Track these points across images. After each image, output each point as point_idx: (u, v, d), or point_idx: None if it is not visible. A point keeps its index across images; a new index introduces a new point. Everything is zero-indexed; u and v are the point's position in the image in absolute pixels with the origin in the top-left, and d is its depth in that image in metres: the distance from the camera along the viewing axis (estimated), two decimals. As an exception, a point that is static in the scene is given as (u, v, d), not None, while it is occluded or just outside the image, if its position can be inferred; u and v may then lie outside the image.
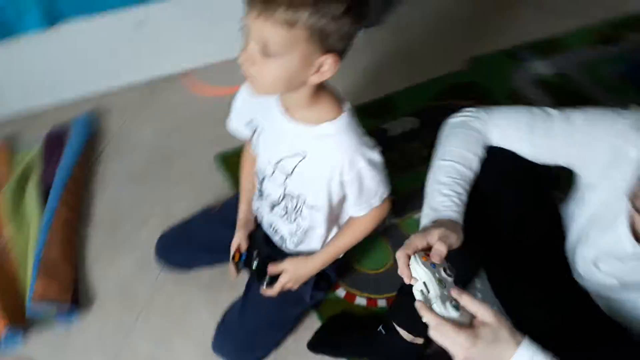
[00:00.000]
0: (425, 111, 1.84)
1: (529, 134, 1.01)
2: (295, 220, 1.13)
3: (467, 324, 0.79)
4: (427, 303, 0.81)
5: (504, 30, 2.23)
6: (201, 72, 1.83)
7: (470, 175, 0.99)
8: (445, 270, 0.84)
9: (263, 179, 1.11)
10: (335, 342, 1.24)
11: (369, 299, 1.35)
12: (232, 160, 1.60)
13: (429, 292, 0.82)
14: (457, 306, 0.80)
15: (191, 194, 1.50)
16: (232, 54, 1.66)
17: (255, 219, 1.26)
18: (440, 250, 0.85)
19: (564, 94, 1.97)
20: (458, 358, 0.78)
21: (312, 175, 1.02)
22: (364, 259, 1.41)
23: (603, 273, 0.98)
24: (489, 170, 1.01)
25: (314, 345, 1.25)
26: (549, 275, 1.06)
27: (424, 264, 0.84)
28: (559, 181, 1.14)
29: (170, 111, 1.72)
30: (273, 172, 1.06)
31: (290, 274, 1.15)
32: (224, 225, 1.25)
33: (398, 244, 0.88)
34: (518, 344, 0.76)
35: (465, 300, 0.79)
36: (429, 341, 1.18)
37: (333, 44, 0.84)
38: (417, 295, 0.84)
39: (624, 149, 0.91)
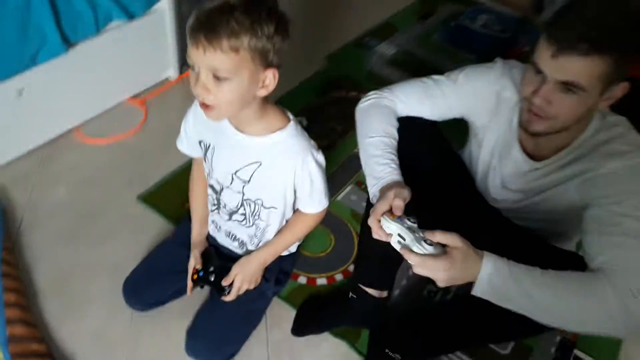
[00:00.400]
0: (310, 109, 2.05)
1: (426, 99, 1.27)
2: (253, 223, 1.25)
3: (442, 253, 0.99)
4: (407, 248, 1.01)
5: (347, 25, 2.54)
6: (89, 125, 1.83)
7: (394, 143, 1.21)
8: (409, 220, 1.04)
9: (221, 189, 1.21)
10: (316, 320, 1.39)
11: (327, 278, 1.52)
12: (154, 197, 1.66)
13: (404, 240, 1.01)
14: (431, 243, 1.00)
15: (128, 237, 1.53)
16: (112, 103, 1.72)
17: (207, 237, 1.36)
18: (398, 204, 1.04)
19: (411, 67, 2.32)
20: (441, 282, 0.98)
21: (269, 180, 1.16)
22: (311, 246, 1.57)
23: (511, 190, 1.27)
24: (404, 135, 1.23)
25: (298, 330, 1.38)
26: (468, 205, 1.34)
27: (393, 220, 1.03)
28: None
29: (73, 167, 1.70)
30: (232, 181, 1.18)
31: (242, 276, 1.26)
32: (184, 247, 1.34)
33: (333, 225, 1.06)
34: (481, 257, 0.98)
35: (439, 236, 0.99)
36: (389, 294, 1.40)
37: (272, 60, 1.00)
38: (396, 246, 1.03)
39: (501, 93, 1.21)
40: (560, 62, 0.99)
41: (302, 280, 1.50)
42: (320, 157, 1.16)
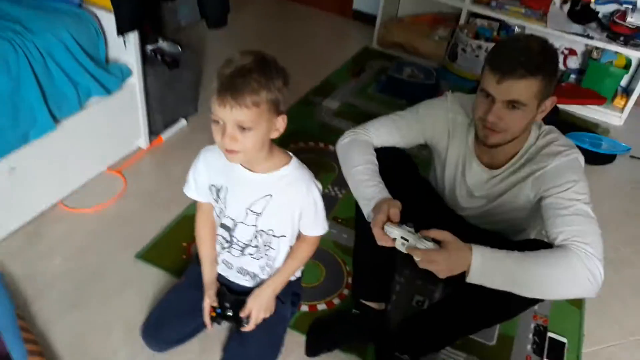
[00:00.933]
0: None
1: (395, 131, 1.51)
2: (265, 254, 1.40)
3: (440, 248, 1.20)
4: (412, 247, 1.20)
5: (292, 87, 2.79)
6: (73, 197, 1.91)
7: (376, 168, 1.42)
8: (407, 224, 1.25)
9: (235, 226, 1.36)
10: (326, 339, 1.52)
11: (326, 303, 1.66)
12: (152, 253, 1.75)
13: (407, 241, 1.21)
14: (430, 240, 1.20)
15: (133, 293, 1.60)
16: (93, 174, 1.84)
17: (217, 277, 1.48)
18: (395, 212, 1.25)
19: (354, 115, 2.60)
20: (442, 272, 1.18)
21: (279, 209, 1.33)
22: (306, 278, 1.70)
23: (477, 197, 1.52)
24: (382, 162, 1.45)
25: (311, 351, 1.51)
26: (441, 215, 1.57)
27: (394, 226, 1.23)
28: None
29: (65, 238, 1.76)
30: (246, 215, 1.33)
31: (258, 306, 1.39)
32: (196, 289, 1.44)
33: (321, 257, 1.28)
34: (470, 248, 1.19)
35: (434, 233, 1.20)
36: (386, 306, 1.58)
37: (282, 107, 1.20)
38: (401, 248, 1.22)
39: (455, 118, 1.48)
40: (504, 86, 1.26)
41: (305, 308, 1.64)
42: (320, 185, 1.35)
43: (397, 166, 1.50)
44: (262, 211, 1.33)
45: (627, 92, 2.85)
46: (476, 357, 1.56)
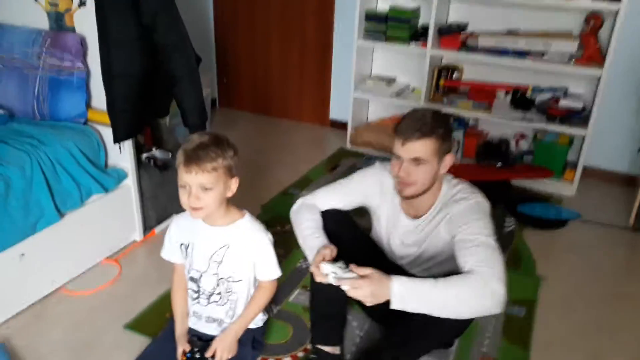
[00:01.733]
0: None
1: (336, 196, 1.83)
2: (228, 300, 1.65)
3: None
4: (341, 279, 1.46)
5: (274, 182, 3.17)
6: (73, 282, 2.20)
7: (320, 224, 1.72)
8: (338, 262, 1.51)
9: (200, 276, 1.63)
10: (288, 384, 1.71)
11: (291, 356, 1.86)
12: (139, 324, 1.99)
13: (336, 273, 1.47)
14: (352, 273, 1.46)
15: (123, 357, 1.82)
16: (91, 263, 2.14)
17: (188, 330, 1.71)
18: (326, 252, 1.53)
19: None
20: (368, 298, 1.42)
21: (236, 257, 1.61)
22: (274, 337, 1.93)
23: (409, 245, 1.79)
24: (327, 221, 1.75)
25: (275, 395, 1.69)
26: (381, 265, 1.81)
27: (327, 263, 1.50)
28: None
29: (65, 315, 2.02)
30: (209, 266, 1.61)
31: (221, 346, 1.62)
32: (171, 342, 1.68)
33: (289, 319, 1.61)
34: (390, 278, 1.45)
35: (357, 269, 1.46)
36: (342, 351, 1.78)
37: (234, 172, 1.54)
38: (332, 281, 1.48)
39: (383, 181, 1.79)
40: (407, 147, 1.60)
41: (271, 361, 1.84)
42: (270, 236, 1.64)
43: (340, 225, 1.79)
44: (222, 259, 1.61)
45: (576, 166, 3.16)
46: (426, 395, 1.72)
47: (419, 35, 3.40)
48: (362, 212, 1.92)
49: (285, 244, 2.43)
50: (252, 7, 4.03)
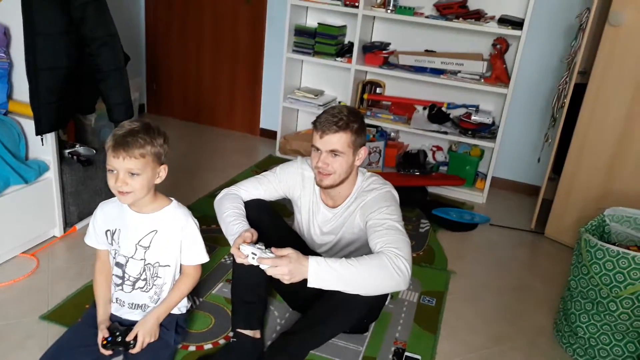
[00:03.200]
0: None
1: (259, 186, 1.91)
2: (153, 285, 1.68)
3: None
4: (260, 258, 1.53)
5: (203, 184, 3.20)
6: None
7: (242, 212, 1.79)
8: (258, 243, 1.59)
9: (127, 262, 1.64)
10: (208, 366, 1.74)
11: (212, 343, 1.90)
12: (56, 314, 1.96)
13: (255, 255, 1.55)
14: (271, 253, 1.54)
15: (35, 347, 1.77)
16: (6, 258, 2.12)
17: (110, 317, 1.71)
18: (247, 235, 1.62)
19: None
20: (286, 276, 1.50)
21: (163, 242, 1.65)
22: (196, 326, 1.97)
23: (327, 233, 1.90)
24: (249, 209, 1.83)
25: (194, 378, 1.72)
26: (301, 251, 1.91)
27: (247, 245, 1.57)
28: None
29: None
30: (135, 250, 1.63)
31: (143, 330, 1.64)
32: (91, 327, 1.67)
33: (211, 310, 1.75)
34: (307, 258, 1.54)
35: (277, 250, 1.54)
36: (262, 335, 1.84)
37: (163, 159, 1.59)
38: (252, 261, 1.55)
39: (304, 173, 1.90)
40: (324, 140, 1.72)
41: (192, 348, 1.86)
42: (196, 221, 1.69)
43: (262, 213, 1.87)
44: (150, 244, 1.64)
45: (486, 176, 3.43)
46: (341, 375, 1.81)
47: (344, 51, 3.59)
48: (289, 213, 2.01)
49: (211, 241, 2.48)
50: (185, 15, 4.09)
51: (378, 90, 3.72)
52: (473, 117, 3.37)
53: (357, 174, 1.85)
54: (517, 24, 3.11)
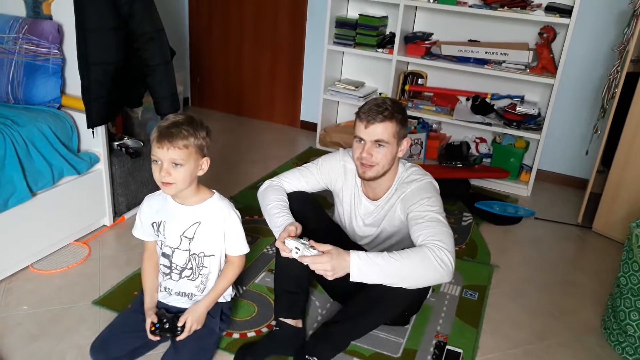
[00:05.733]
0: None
1: (302, 178, 1.93)
2: (200, 274, 1.72)
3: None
4: (303, 255, 1.55)
5: (244, 177, 3.25)
6: (42, 262, 2.23)
7: (286, 204, 1.81)
8: (302, 238, 1.61)
9: (173, 252, 1.69)
10: (251, 352, 1.77)
11: (255, 331, 1.94)
12: (106, 300, 2.04)
13: (299, 250, 1.57)
14: (314, 249, 1.56)
15: (88, 330, 1.86)
16: (60, 245, 2.19)
17: (157, 304, 1.77)
18: (292, 229, 1.62)
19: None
20: (329, 272, 1.52)
21: (207, 233, 1.69)
22: (240, 314, 2.01)
23: (369, 225, 1.90)
24: (293, 201, 1.85)
25: (238, 362, 1.76)
26: (342, 244, 1.92)
27: (292, 240, 1.59)
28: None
29: (33, 291, 2.05)
30: (180, 241, 1.68)
31: (192, 318, 1.69)
32: (139, 314, 1.73)
33: (254, 298, 1.79)
34: (349, 253, 1.55)
35: (317, 245, 1.55)
36: (304, 324, 1.87)
37: (205, 152, 1.62)
38: (295, 256, 1.57)
39: (346, 166, 1.91)
40: (369, 130, 1.72)
41: (236, 335, 1.91)
42: (238, 213, 1.73)
43: (305, 205, 1.89)
44: (194, 236, 1.68)
45: (531, 168, 3.35)
46: (382, 366, 1.82)
47: (386, 42, 3.56)
48: (330, 205, 2.02)
49: (254, 232, 2.52)
50: (227, 9, 4.14)
51: (420, 81, 3.67)
52: (518, 108, 3.28)
53: (397, 166, 1.84)
54: (566, 11, 3.01)
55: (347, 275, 1.52)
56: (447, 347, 1.92)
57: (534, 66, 3.23)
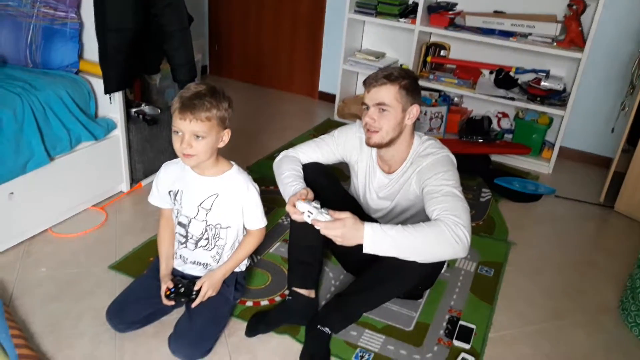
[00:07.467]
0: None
1: (317, 149, 1.90)
2: (215, 245, 1.73)
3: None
4: (315, 219, 1.54)
5: (260, 148, 3.24)
6: (60, 226, 2.26)
7: (300, 174, 1.79)
8: (314, 201, 1.59)
9: (189, 222, 1.69)
10: (263, 322, 1.79)
11: (269, 300, 1.95)
12: (123, 265, 2.06)
13: (312, 214, 1.55)
14: (328, 214, 1.54)
15: (104, 293, 1.89)
16: (78, 210, 2.21)
17: (172, 271, 1.78)
18: (303, 192, 1.61)
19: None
20: (339, 239, 1.50)
21: (224, 205, 1.68)
22: (254, 282, 2.02)
23: (383, 199, 1.87)
24: (307, 172, 1.83)
25: (249, 331, 1.77)
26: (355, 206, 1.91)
27: (303, 203, 1.57)
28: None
29: (52, 254, 2.08)
30: (197, 212, 1.67)
31: (208, 284, 1.70)
32: (155, 279, 1.75)
33: (269, 267, 1.72)
34: (363, 224, 1.53)
35: (332, 212, 1.54)
36: (317, 295, 1.87)
37: (227, 124, 1.60)
38: (307, 219, 1.55)
39: (361, 137, 1.87)
40: (371, 93, 1.69)
41: (249, 303, 1.92)
42: (257, 186, 1.71)
43: (320, 176, 1.86)
44: (211, 207, 1.68)
45: (554, 145, 3.27)
46: (393, 339, 1.81)
47: (408, 11, 3.47)
48: (346, 177, 2.00)
49: (270, 202, 2.51)
50: (247, -23, 4.07)
51: (442, 52, 3.58)
52: (543, 83, 3.19)
53: (412, 137, 1.79)
54: (598, -18, 2.88)
55: (361, 247, 1.51)
56: (460, 322, 1.91)
57: (561, 39, 3.13)
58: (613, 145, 3.19)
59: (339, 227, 1.49)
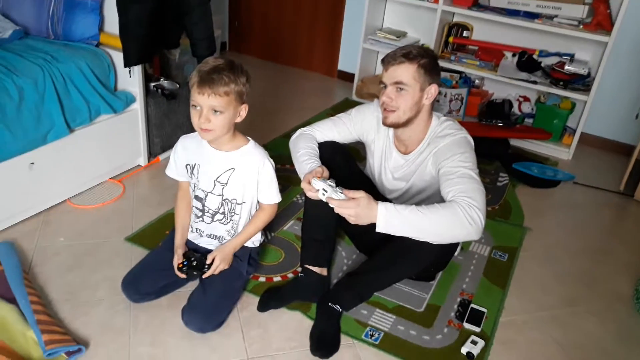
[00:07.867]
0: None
1: (334, 128, 1.89)
2: (231, 220, 1.74)
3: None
4: (330, 197, 1.54)
5: (276, 125, 3.24)
6: (79, 197, 2.30)
7: (316, 152, 1.79)
8: (329, 179, 1.59)
9: (206, 196, 1.71)
10: (275, 297, 1.81)
11: (281, 276, 1.97)
12: (139, 237, 2.09)
13: (326, 192, 1.55)
14: (342, 193, 1.54)
15: (120, 264, 1.92)
16: (97, 182, 2.24)
17: (187, 243, 1.80)
18: (319, 170, 1.61)
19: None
20: (352, 218, 1.50)
21: (241, 180, 1.69)
22: (267, 258, 2.04)
23: (398, 179, 1.87)
24: (323, 151, 1.82)
25: (261, 306, 1.79)
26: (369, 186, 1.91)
27: (318, 180, 1.57)
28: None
29: (70, 225, 2.12)
30: (214, 186, 1.69)
31: (220, 256, 1.71)
32: (170, 252, 1.77)
33: (283, 245, 1.75)
34: (377, 203, 1.53)
35: (347, 191, 1.54)
36: (329, 273, 1.88)
37: (245, 99, 1.60)
38: (322, 197, 1.55)
39: (379, 117, 1.86)
40: (389, 72, 1.67)
41: (262, 279, 1.94)
42: (272, 162, 1.72)
43: (336, 155, 1.86)
44: (227, 182, 1.69)
45: (575, 131, 3.21)
46: (404, 319, 1.82)
47: (432, -10, 3.40)
48: (362, 157, 1.99)
49: (285, 180, 2.52)
50: (269, -48, 4.02)
51: (465, 33, 3.52)
52: (566, 67, 3.12)
53: (430, 117, 1.77)
54: (630, -37, 2.79)
55: (374, 227, 1.51)
56: (472, 305, 1.91)
57: (588, 22, 3.04)
58: (636, 133, 3.12)
59: (352, 206, 1.49)
